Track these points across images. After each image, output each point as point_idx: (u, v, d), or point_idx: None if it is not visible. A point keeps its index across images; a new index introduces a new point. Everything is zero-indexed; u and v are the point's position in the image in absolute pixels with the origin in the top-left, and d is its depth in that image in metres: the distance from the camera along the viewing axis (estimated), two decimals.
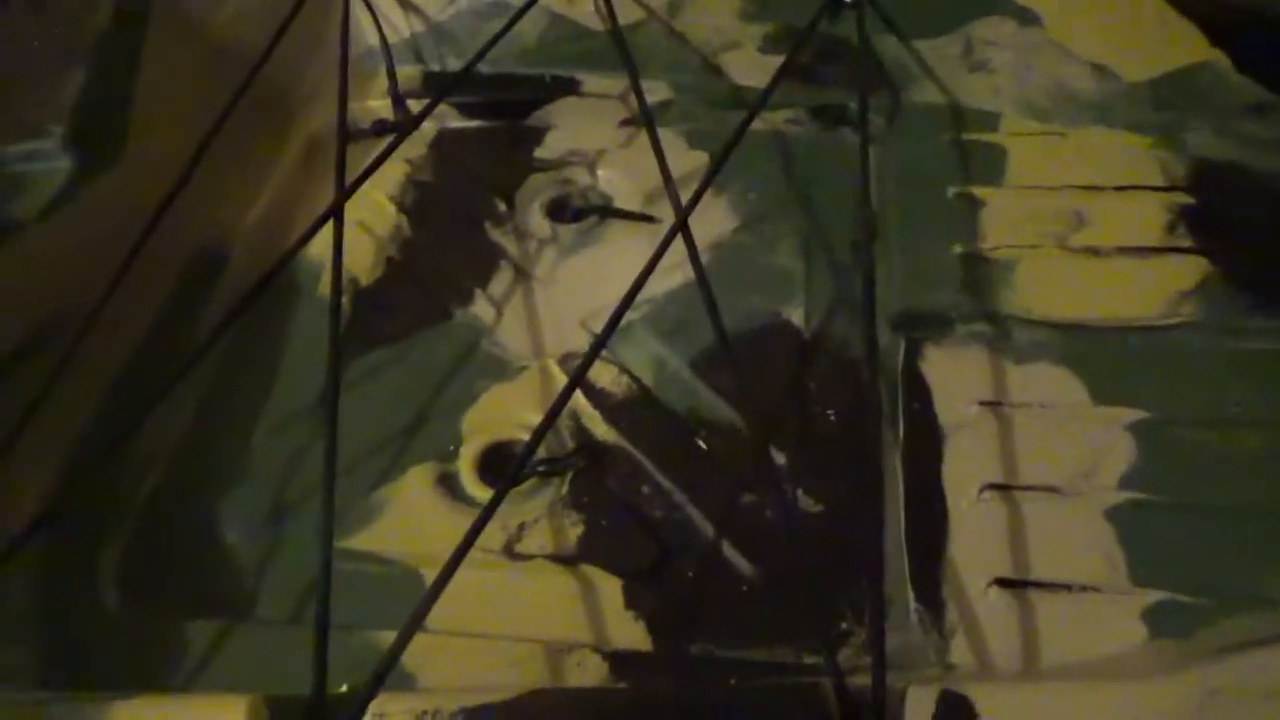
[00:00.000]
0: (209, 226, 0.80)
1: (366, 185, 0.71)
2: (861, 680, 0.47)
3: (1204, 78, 0.79)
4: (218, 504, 0.69)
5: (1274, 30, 0.77)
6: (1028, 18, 0.84)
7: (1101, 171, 0.77)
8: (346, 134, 0.75)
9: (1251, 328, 0.67)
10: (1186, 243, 0.72)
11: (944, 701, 0.42)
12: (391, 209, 0.86)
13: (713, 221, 0.79)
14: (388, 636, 0.58)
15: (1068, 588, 0.57)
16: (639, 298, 0.59)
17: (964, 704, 0.42)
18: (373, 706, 0.43)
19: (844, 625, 0.59)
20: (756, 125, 0.71)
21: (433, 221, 0.85)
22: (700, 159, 0.84)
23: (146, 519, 0.69)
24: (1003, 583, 0.57)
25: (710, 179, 0.66)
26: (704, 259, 0.61)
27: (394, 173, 0.88)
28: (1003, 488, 0.61)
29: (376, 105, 0.93)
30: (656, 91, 0.86)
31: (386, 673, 0.44)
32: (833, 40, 0.85)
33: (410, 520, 0.67)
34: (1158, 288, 0.70)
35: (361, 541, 0.66)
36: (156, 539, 0.68)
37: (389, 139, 0.76)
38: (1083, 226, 0.74)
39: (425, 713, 0.46)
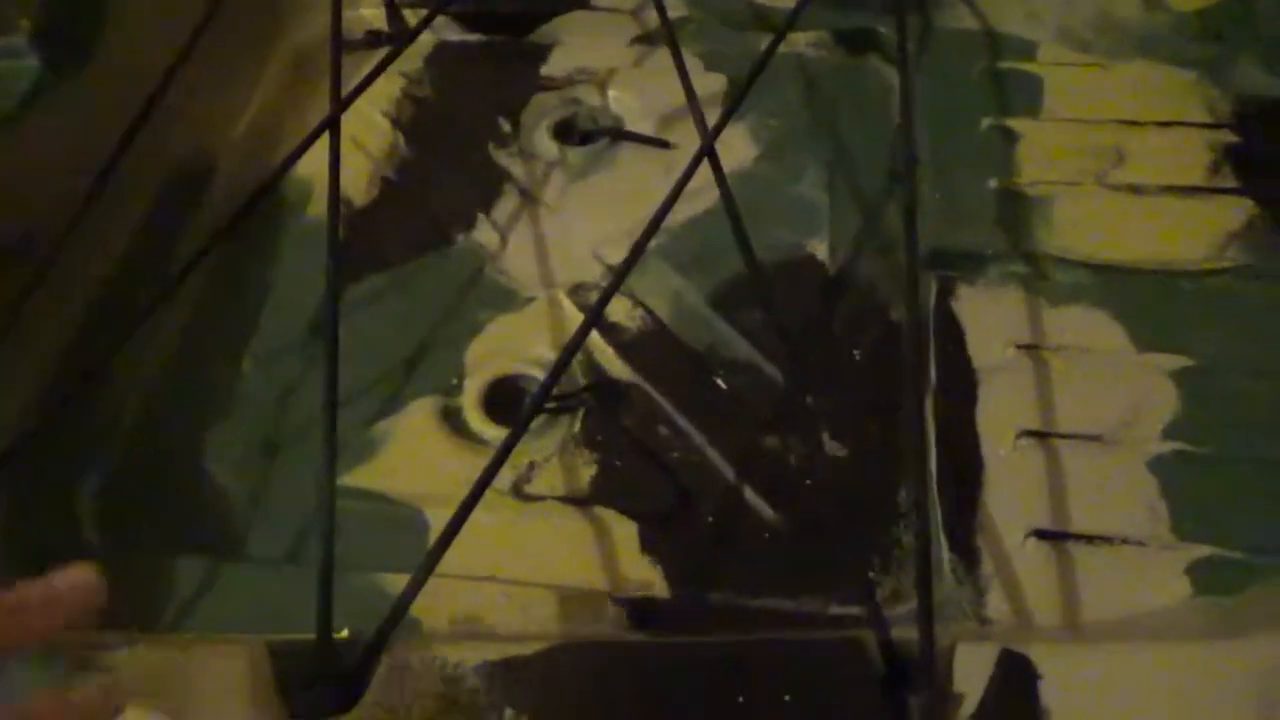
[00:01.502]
0: (192, 138, 0.75)
1: (359, 100, 0.66)
2: (899, 634, 0.44)
3: (1257, 8, 0.75)
4: (204, 436, 0.64)
5: None
6: None
7: (1143, 106, 0.73)
8: (342, 41, 0.69)
9: None
10: (1232, 183, 0.69)
11: (1004, 662, 0.40)
12: (386, 125, 0.80)
13: (733, 149, 0.74)
14: (387, 578, 0.56)
15: (1109, 540, 0.54)
16: None
17: (1024, 665, 0.40)
18: (387, 657, 0.40)
19: (870, 575, 0.56)
20: (778, 48, 0.67)
21: (431, 140, 0.80)
22: (718, 81, 0.79)
23: (127, 451, 0.64)
24: (1041, 534, 0.55)
25: (739, 103, 0.62)
26: None
27: (388, 87, 0.82)
28: (1040, 435, 0.58)
29: (369, 15, 0.87)
30: (673, 8, 0.80)
31: (396, 623, 0.41)
32: None
33: (411, 457, 0.63)
34: (1202, 229, 0.66)
35: (359, 478, 0.62)
36: (138, 473, 0.63)
37: (383, 51, 0.71)
38: (1123, 163, 0.71)
39: (445, 663, 0.43)
